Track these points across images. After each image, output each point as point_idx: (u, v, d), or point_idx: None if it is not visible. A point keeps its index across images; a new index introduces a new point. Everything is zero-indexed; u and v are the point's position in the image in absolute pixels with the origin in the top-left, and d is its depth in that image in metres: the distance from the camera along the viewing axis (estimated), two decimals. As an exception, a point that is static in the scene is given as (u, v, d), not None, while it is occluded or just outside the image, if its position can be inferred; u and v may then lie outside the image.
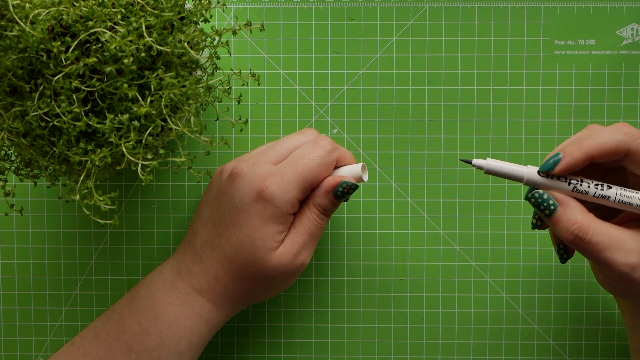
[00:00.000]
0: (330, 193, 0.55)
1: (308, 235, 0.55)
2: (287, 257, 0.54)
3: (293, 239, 0.55)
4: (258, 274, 0.54)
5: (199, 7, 0.52)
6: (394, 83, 0.62)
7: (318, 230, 0.56)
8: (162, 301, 0.55)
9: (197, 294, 0.55)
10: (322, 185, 0.55)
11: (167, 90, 0.50)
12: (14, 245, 0.63)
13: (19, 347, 0.63)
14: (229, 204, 0.55)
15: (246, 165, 0.55)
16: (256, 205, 0.54)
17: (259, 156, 0.56)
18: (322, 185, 0.55)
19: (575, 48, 0.61)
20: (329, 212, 0.56)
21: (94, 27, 0.48)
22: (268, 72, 0.62)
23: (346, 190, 0.55)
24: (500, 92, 0.62)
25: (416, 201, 0.62)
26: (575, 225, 0.50)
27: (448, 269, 0.62)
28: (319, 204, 0.55)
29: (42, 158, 0.51)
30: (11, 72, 0.49)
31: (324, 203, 0.55)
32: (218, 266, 0.55)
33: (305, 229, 0.55)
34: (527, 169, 0.51)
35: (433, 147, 0.62)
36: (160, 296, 0.56)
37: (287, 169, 0.54)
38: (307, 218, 0.55)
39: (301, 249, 0.55)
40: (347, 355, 0.63)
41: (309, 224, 0.55)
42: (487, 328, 0.63)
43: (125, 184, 0.63)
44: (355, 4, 0.61)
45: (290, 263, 0.55)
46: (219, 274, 0.55)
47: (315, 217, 0.55)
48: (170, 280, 0.56)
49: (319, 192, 0.55)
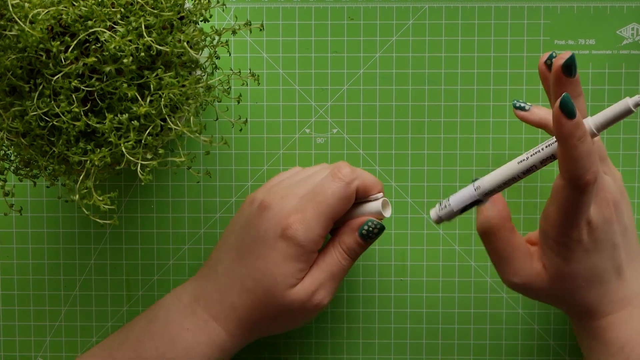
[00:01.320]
0: (355, 232, 0.54)
1: (328, 274, 0.54)
2: (305, 294, 0.54)
3: (313, 277, 0.54)
4: (274, 309, 0.54)
5: (198, 6, 0.52)
6: (393, 83, 0.62)
7: (340, 271, 0.55)
8: (180, 326, 0.55)
9: (214, 322, 0.55)
10: (348, 223, 0.55)
11: (167, 90, 0.50)
12: (13, 245, 0.63)
13: (18, 347, 0.63)
14: (254, 235, 0.55)
15: (274, 198, 0.55)
16: (280, 242, 0.53)
17: (289, 188, 0.55)
18: (348, 223, 0.55)
19: (575, 48, 0.61)
20: (353, 253, 0.55)
21: (93, 27, 0.48)
22: (268, 72, 0.62)
23: (371, 229, 0.54)
24: (500, 92, 0.61)
25: (416, 201, 0.62)
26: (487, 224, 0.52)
27: (448, 269, 0.62)
28: (344, 242, 0.55)
29: (41, 158, 0.51)
30: (10, 72, 0.49)
31: (348, 242, 0.55)
32: (236, 295, 0.55)
33: (327, 267, 0.54)
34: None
35: (433, 147, 0.62)
36: (179, 321, 0.55)
37: (307, 205, 0.54)
38: (330, 256, 0.55)
39: (319, 288, 0.54)
40: (347, 355, 0.63)
41: (331, 263, 0.55)
42: (487, 328, 0.62)
43: (125, 184, 0.63)
44: (355, 4, 0.61)
45: (307, 301, 0.54)
46: (236, 303, 0.55)
47: (339, 256, 0.55)
48: (189, 306, 0.56)
49: (344, 230, 0.55)
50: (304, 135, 0.62)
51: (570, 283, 0.52)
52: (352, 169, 0.55)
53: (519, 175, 0.51)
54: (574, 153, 0.47)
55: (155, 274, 0.63)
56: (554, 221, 0.50)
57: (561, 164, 0.48)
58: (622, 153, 0.61)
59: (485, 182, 0.51)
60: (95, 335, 0.63)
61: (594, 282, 0.52)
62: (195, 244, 0.63)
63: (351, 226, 0.55)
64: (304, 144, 0.62)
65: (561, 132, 0.47)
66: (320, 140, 0.62)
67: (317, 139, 0.62)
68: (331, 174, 0.54)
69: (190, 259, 0.63)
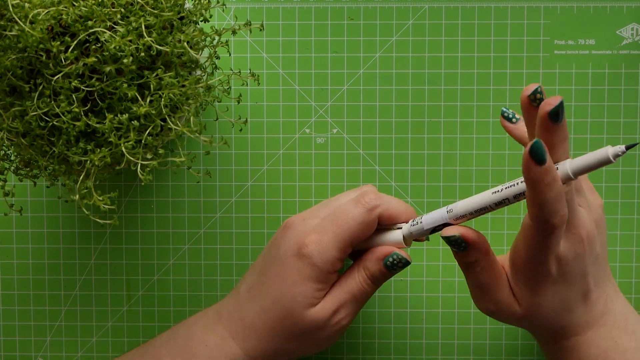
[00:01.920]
0: (381, 260, 0.54)
1: (350, 295, 0.54)
2: (325, 314, 0.53)
3: (334, 296, 0.54)
4: (294, 328, 0.53)
5: (198, 6, 0.52)
6: (393, 83, 0.62)
7: (362, 295, 0.54)
8: (200, 342, 0.55)
9: (232, 340, 0.55)
10: (375, 251, 0.54)
11: (167, 90, 0.50)
12: (14, 245, 0.63)
13: (18, 347, 0.63)
14: (275, 255, 0.54)
15: (298, 218, 0.55)
16: (296, 262, 0.53)
17: (313, 210, 0.55)
18: (374, 250, 0.54)
19: (575, 48, 0.61)
20: (376, 280, 0.54)
21: (93, 27, 0.48)
22: (268, 72, 0.62)
23: (396, 262, 0.53)
24: (500, 92, 0.61)
25: (416, 201, 0.62)
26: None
27: (448, 269, 0.62)
28: (368, 268, 0.54)
29: (41, 158, 0.51)
30: (10, 72, 0.49)
31: (373, 269, 0.54)
32: (255, 315, 0.54)
33: (349, 288, 0.54)
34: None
35: (433, 147, 0.62)
36: (199, 337, 0.55)
37: (327, 227, 0.53)
38: (353, 279, 0.54)
39: (340, 308, 0.54)
40: (347, 355, 0.63)
41: (353, 285, 0.54)
42: (487, 328, 0.63)
43: (125, 184, 0.63)
44: (355, 4, 0.61)
45: (327, 320, 0.53)
46: (256, 323, 0.54)
47: (362, 281, 0.54)
48: (212, 322, 0.56)
49: (370, 257, 0.54)
50: (304, 135, 0.62)
51: (539, 312, 0.52)
52: (378, 195, 0.54)
53: (491, 206, 0.51)
54: (541, 198, 0.46)
55: (155, 273, 0.63)
56: (522, 257, 0.50)
57: (529, 206, 0.48)
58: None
59: (458, 207, 0.51)
60: (96, 335, 0.63)
61: (562, 311, 0.52)
62: (195, 244, 0.63)
63: (376, 254, 0.54)
64: (304, 144, 0.62)
65: (529, 176, 0.46)
66: (320, 140, 0.62)
67: (317, 139, 0.62)
68: (355, 199, 0.54)
69: (190, 259, 0.63)
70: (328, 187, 0.62)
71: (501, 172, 0.62)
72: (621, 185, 0.62)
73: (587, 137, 0.61)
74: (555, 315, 0.52)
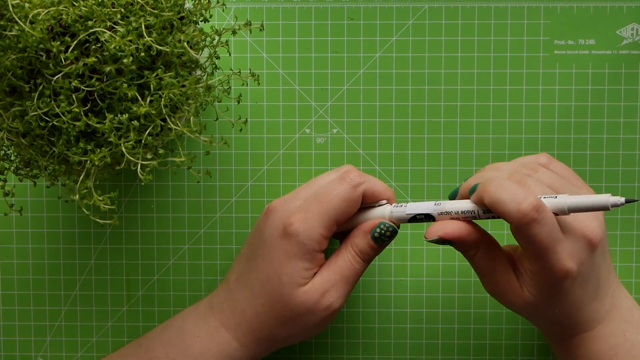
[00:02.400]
0: (367, 234, 0.54)
1: (340, 275, 0.53)
2: (314, 294, 0.53)
3: (323, 277, 0.53)
4: (283, 311, 0.53)
5: (198, 6, 0.52)
6: (393, 83, 0.62)
7: (352, 273, 0.54)
8: (192, 334, 0.55)
9: (224, 330, 0.55)
10: (360, 227, 0.54)
11: (167, 90, 0.50)
12: (14, 245, 0.63)
13: (18, 347, 0.63)
14: (259, 239, 0.54)
15: (279, 202, 0.55)
16: (282, 242, 0.53)
17: (294, 193, 0.55)
18: (359, 226, 0.54)
19: (575, 48, 0.61)
20: (365, 255, 0.54)
21: (93, 27, 0.48)
22: (268, 72, 0.62)
23: (383, 232, 0.53)
24: (500, 92, 0.61)
25: (416, 201, 0.62)
26: None
27: (448, 269, 0.62)
28: (356, 244, 0.54)
29: (41, 158, 0.51)
30: (11, 72, 0.49)
31: (361, 244, 0.54)
32: (245, 301, 0.54)
33: (338, 268, 0.54)
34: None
35: (433, 147, 0.62)
36: (192, 328, 0.55)
37: (311, 205, 0.53)
38: (342, 258, 0.54)
39: (330, 289, 0.53)
40: (347, 355, 0.63)
41: (342, 264, 0.54)
42: (487, 328, 0.63)
43: (125, 184, 0.63)
44: (355, 4, 0.61)
45: (317, 302, 0.53)
46: (246, 310, 0.54)
47: (350, 259, 0.54)
48: (203, 314, 0.56)
49: (356, 232, 0.54)
50: (304, 135, 0.62)
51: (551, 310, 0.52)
52: (361, 173, 0.54)
53: (479, 213, 0.51)
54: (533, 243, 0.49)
55: (155, 273, 0.63)
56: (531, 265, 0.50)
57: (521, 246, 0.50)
58: (622, 153, 0.61)
59: (447, 203, 0.52)
60: (96, 335, 0.63)
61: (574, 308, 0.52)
62: (195, 244, 0.63)
63: (363, 229, 0.54)
64: (304, 144, 0.62)
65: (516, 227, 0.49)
66: (320, 140, 0.62)
67: (317, 139, 0.62)
68: (339, 177, 0.54)
69: (190, 259, 0.63)
70: (328, 187, 0.62)
71: (501, 172, 0.62)
72: (621, 185, 0.62)
73: (587, 137, 0.61)
74: (568, 312, 0.52)
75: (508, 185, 0.49)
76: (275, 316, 0.54)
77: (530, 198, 0.48)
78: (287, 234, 0.53)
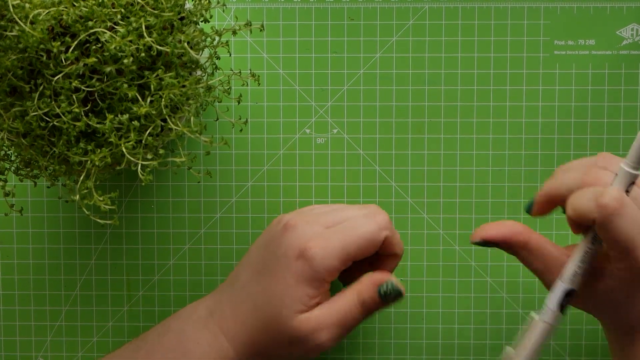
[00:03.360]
0: (376, 287, 0.53)
1: (338, 319, 0.53)
2: (308, 326, 0.52)
3: (322, 314, 0.53)
4: (277, 333, 0.53)
5: (199, 7, 0.52)
6: (394, 83, 0.62)
7: (351, 321, 0.53)
8: (192, 339, 0.55)
9: (224, 338, 0.55)
10: (371, 275, 0.54)
11: (167, 90, 0.50)
12: (14, 246, 0.63)
13: (18, 347, 0.63)
14: (274, 253, 0.54)
15: (301, 220, 0.54)
16: (296, 263, 0.53)
17: (317, 216, 0.55)
18: (371, 274, 0.54)
19: (575, 48, 0.61)
20: (367, 306, 0.53)
21: (93, 27, 0.48)
22: (268, 72, 0.62)
23: (389, 293, 0.53)
24: (500, 92, 0.62)
25: (416, 201, 0.62)
26: None
27: (448, 269, 0.62)
28: (361, 293, 0.53)
29: (42, 158, 0.51)
30: (11, 72, 0.49)
31: (366, 296, 0.53)
32: (247, 313, 0.54)
33: (339, 310, 0.53)
34: None
35: (433, 147, 0.62)
36: (191, 334, 0.55)
37: (334, 235, 0.53)
38: (346, 303, 0.53)
39: (325, 328, 0.52)
40: (347, 355, 0.63)
41: (345, 308, 0.53)
42: (487, 328, 0.63)
43: (125, 184, 0.63)
44: (355, 4, 0.61)
45: (308, 334, 0.52)
46: (247, 321, 0.54)
47: (353, 308, 0.53)
48: (204, 319, 0.56)
49: (366, 280, 0.53)
50: (304, 136, 0.62)
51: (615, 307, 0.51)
52: (389, 218, 0.54)
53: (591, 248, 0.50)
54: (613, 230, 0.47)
55: (155, 274, 0.63)
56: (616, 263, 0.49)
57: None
58: (622, 153, 0.61)
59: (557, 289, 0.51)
60: (96, 335, 0.63)
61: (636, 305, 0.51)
62: (196, 244, 0.63)
63: (373, 279, 0.53)
64: (304, 144, 0.62)
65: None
66: (320, 141, 0.62)
67: (317, 139, 0.62)
68: (367, 214, 0.54)
69: (191, 259, 0.63)
70: (328, 187, 0.62)
71: (501, 172, 0.62)
72: (621, 185, 0.62)
73: (587, 137, 0.61)
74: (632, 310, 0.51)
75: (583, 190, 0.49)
76: (270, 335, 0.53)
77: (609, 190, 0.47)
78: (303, 256, 0.52)
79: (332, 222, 0.54)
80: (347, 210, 0.55)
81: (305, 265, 0.52)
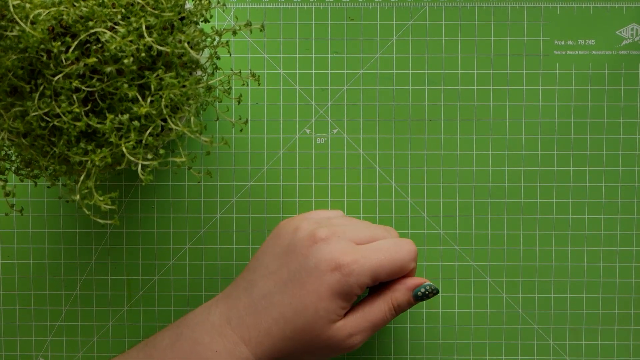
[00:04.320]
0: (410, 291, 0.55)
1: (370, 323, 0.55)
2: (343, 333, 0.54)
3: (355, 321, 0.55)
4: (311, 341, 0.54)
5: (199, 7, 0.52)
6: (394, 83, 0.62)
7: (381, 323, 0.55)
8: (209, 348, 0.55)
9: (244, 346, 0.55)
10: (403, 282, 0.56)
11: (167, 90, 0.50)
12: (14, 245, 0.63)
13: (19, 347, 0.63)
14: (302, 264, 0.54)
15: (330, 233, 0.55)
16: (331, 277, 0.53)
17: (344, 231, 0.56)
18: (402, 281, 0.56)
19: (575, 48, 0.61)
20: (401, 310, 0.56)
21: (94, 27, 0.48)
22: (268, 72, 0.62)
23: (427, 293, 0.55)
24: (500, 92, 0.62)
25: (416, 201, 0.62)
26: None
27: (448, 269, 0.62)
28: (396, 298, 0.55)
29: (42, 158, 0.51)
30: (11, 72, 0.49)
31: (401, 299, 0.55)
32: (273, 322, 0.54)
33: (370, 316, 0.55)
34: None
35: (433, 147, 0.62)
36: (207, 342, 0.55)
37: (373, 255, 0.54)
38: (377, 308, 0.55)
39: (357, 333, 0.55)
40: (347, 355, 0.63)
41: (376, 314, 0.55)
42: (487, 328, 0.63)
43: (126, 184, 0.63)
44: (355, 4, 0.61)
45: (343, 340, 0.54)
46: (272, 330, 0.54)
47: (386, 311, 0.55)
48: (219, 327, 0.56)
49: (398, 287, 0.56)
50: (304, 136, 0.62)
51: None
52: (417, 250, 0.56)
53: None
54: None
55: (155, 273, 0.63)
56: None
57: None
58: (622, 153, 0.61)
59: None
60: (96, 335, 0.63)
61: None
62: (196, 244, 0.63)
63: (406, 285, 0.55)
64: (304, 144, 0.62)
65: None
66: (320, 141, 0.62)
67: (318, 139, 0.62)
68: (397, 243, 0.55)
69: (191, 259, 0.63)
70: (328, 187, 0.62)
71: (501, 172, 0.62)
72: (621, 185, 0.62)
73: (587, 137, 0.62)
74: None
75: None
76: (301, 343, 0.54)
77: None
78: (340, 271, 0.53)
79: (360, 240, 0.55)
80: (374, 230, 0.57)
81: (341, 279, 0.53)
